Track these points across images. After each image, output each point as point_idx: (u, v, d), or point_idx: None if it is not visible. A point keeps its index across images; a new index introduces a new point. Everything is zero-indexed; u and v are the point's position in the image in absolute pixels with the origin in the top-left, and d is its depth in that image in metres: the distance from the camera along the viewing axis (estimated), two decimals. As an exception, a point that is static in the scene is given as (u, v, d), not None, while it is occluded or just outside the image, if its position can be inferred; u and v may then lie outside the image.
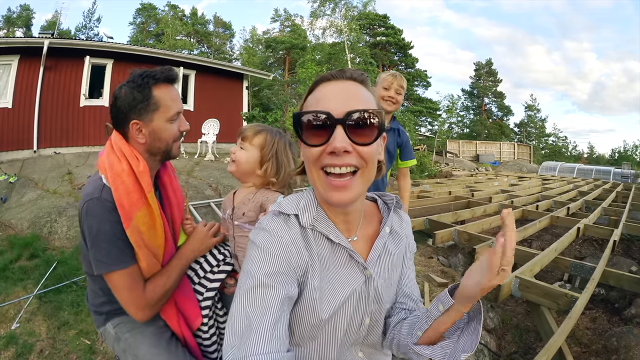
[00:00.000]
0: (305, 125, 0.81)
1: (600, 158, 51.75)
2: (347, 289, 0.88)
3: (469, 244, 5.07)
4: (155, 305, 1.34)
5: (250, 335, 0.69)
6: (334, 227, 0.90)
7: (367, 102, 0.82)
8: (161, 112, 1.36)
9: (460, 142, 34.55)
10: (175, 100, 1.40)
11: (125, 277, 1.28)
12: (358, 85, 0.84)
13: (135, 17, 41.78)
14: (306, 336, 0.87)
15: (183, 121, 1.45)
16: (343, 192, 0.80)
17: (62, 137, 10.43)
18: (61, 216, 5.37)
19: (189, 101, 12.91)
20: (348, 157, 0.78)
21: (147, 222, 1.31)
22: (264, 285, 0.75)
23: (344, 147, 0.77)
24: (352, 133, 0.78)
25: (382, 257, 0.96)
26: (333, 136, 0.77)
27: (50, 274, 3.95)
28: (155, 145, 1.38)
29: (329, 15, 22.51)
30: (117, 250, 1.25)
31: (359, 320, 0.91)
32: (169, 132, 1.39)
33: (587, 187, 13.77)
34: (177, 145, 1.46)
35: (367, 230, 0.98)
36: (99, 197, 1.26)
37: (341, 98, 0.80)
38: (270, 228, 0.85)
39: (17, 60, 9.77)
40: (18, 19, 35.38)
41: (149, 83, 1.34)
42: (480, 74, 49.06)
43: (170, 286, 1.36)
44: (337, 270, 0.89)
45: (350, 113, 0.77)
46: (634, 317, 3.65)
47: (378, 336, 0.98)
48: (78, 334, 3.08)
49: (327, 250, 0.89)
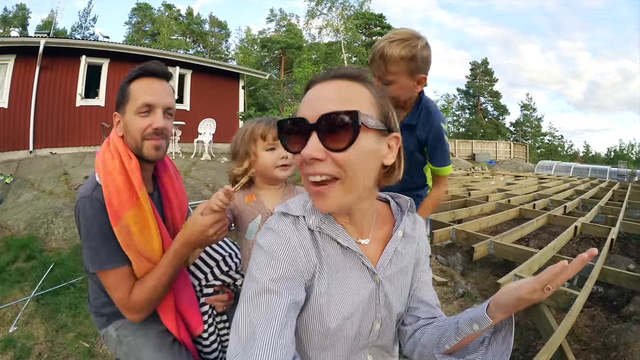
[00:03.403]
0: (285, 133, 0.79)
1: (596, 157, 52.02)
2: (356, 296, 0.85)
3: (467, 243, 5.08)
4: (142, 308, 1.29)
5: (254, 343, 0.66)
6: (343, 230, 0.86)
7: (353, 102, 0.75)
8: (130, 104, 1.31)
9: (456, 141, 34.54)
10: (145, 92, 1.30)
11: (112, 278, 1.26)
12: (348, 83, 0.78)
13: (130, 17, 41.60)
14: (314, 345, 0.84)
15: (158, 118, 1.32)
16: (322, 200, 0.77)
17: (58, 137, 10.40)
18: (57, 217, 5.34)
19: (185, 101, 12.87)
20: (321, 165, 0.75)
21: (138, 222, 1.27)
22: (269, 291, 0.73)
23: (310, 155, 0.73)
24: (327, 139, 0.73)
25: (394, 262, 0.92)
26: (307, 143, 0.74)
27: (47, 276, 3.92)
28: (128, 140, 1.34)
29: (325, 15, 22.53)
30: (107, 249, 1.23)
31: (368, 326, 0.89)
32: (136, 126, 1.30)
33: (584, 186, 13.82)
34: (152, 144, 1.33)
35: (379, 233, 0.94)
36: (90, 196, 1.24)
37: (320, 101, 0.76)
38: (279, 229, 0.83)
39: (13, 60, 9.73)
40: (14, 19, 35.13)
41: (130, 76, 1.32)
42: (476, 73, 49.10)
43: (157, 286, 1.27)
44: (347, 275, 0.86)
45: (322, 117, 0.73)
46: (633, 314, 3.66)
47: (389, 340, 0.96)
48: (77, 336, 3.05)
49: (336, 254, 0.86)
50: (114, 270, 1.25)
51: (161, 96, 1.33)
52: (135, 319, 1.31)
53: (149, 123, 1.31)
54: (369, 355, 0.93)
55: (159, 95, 1.32)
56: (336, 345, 0.85)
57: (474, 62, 49.97)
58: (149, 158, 1.35)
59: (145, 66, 1.32)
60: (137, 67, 1.32)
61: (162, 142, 1.35)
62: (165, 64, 1.41)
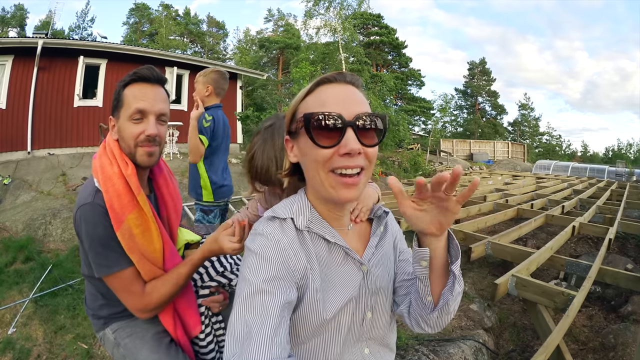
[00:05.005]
0: (315, 127, 0.81)
1: (594, 156, 51.97)
2: (347, 288, 0.90)
3: (465, 243, 5.08)
4: (153, 309, 1.33)
5: (250, 342, 0.69)
6: (329, 227, 0.92)
7: (366, 106, 0.85)
8: (124, 110, 1.31)
9: (454, 141, 34.67)
10: (138, 98, 1.30)
11: (122, 280, 1.27)
12: (355, 89, 0.86)
13: (128, 17, 41.49)
14: (310, 335, 0.87)
15: (151, 125, 1.31)
16: (353, 190, 0.82)
17: (56, 138, 10.37)
18: (56, 218, 5.34)
19: (183, 101, 12.75)
20: (358, 158, 0.81)
21: (140, 224, 1.29)
22: (263, 292, 0.76)
23: (359, 149, 0.80)
24: (360, 135, 0.80)
25: (377, 250, 1.00)
26: (345, 138, 0.79)
27: (45, 277, 3.92)
28: (122, 145, 1.34)
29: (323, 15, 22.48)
30: (114, 253, 1.25)
31: (361, 315, 0.93)
32: (128, 132, 1.30)
33: (582, 186, 13.83)
34: (145, 151, 1.32)
35: (360, 226, 1.02)
36: (91, 203, 1.25)
37: (347, 101, 0.83)
38: (267, 232, 0.86)
39: (11, 61, 9.71)
40: (12, 19, 35.04)
41: (124, 80, 1.32)
42: (474, 73, 49.17)
43: (168, 291, 1.32)
44: (336, 269, 0.91)
45: (360, 116, 0.80)
46: (631, 314, 3.68)
47: (384, 329, 1.00)
48: (75, 338, 3.06)
49: (324, 251, 0.91)
50: (122, 273, 1.26)
51: (154, 102, 1.33)
52: (147, 317, 1.35)
53: (141, 130, 1.31)
54: (366, 349, 0.96)
55: (152, 102, 1.32)
56: (331, 338, 0.89)
57: (472, 61, 50.12)
58: (142, 164, 1.35)
59: (138, 71, 1.32)
60: (131, 72, 1.32)
61: (155, 148, 1.36)
62: (163, 64, 1.42)
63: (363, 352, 0.95)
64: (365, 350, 0.96)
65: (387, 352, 1.03)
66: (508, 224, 7.13)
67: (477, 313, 3.73)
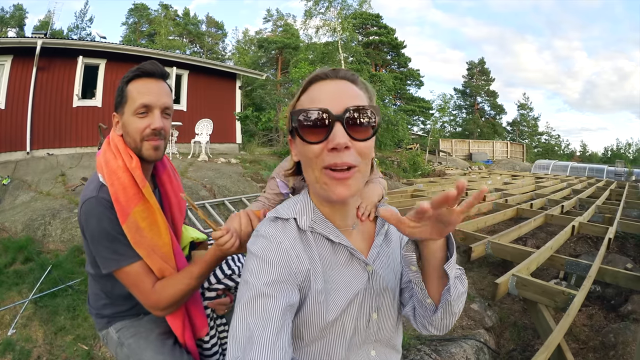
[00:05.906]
0: (303, 123, 0.80)
1: (593, 156, 51.95)
2: (351, 289, 0.88)
3: (465, 243, 5.09)
4: (165, 308, 1.30)
5: (252, 346, 0.68)
6: (333, 227, 0.90)
7: (361, 100, 0.83)
8: (128, 105, 1.32)
9: (453, 141, 34.69)
10: (143, 93, 1.31)
11: (130, 275, 1.26)
12: (350, 84, 0.84)
13: (127, 18, 41.52)
14: (314, 337, 0.86)
15: (156, 118, 1.33)
16: (345, 187, 0.80)
17: (55, 138, 10.35)
18: (55, 218, 5.32)
19: (182, 101, 12.85)
20: (348, 154, 0.78)
21: (146, 217, 1.29)
22: (265, 295, 0.75)
23: (345, 143, 0.77)
24: (350, 130, 0.78)
25: (382, 250, 0.98)
26: (333, 133, 0.77)
27: (45, 278, 3.90)
28: (127, 140, 1.35)
29: (323, 14, 22.44)
30: (122, 246, 1.24)
31: (366, 316, 0.91)
32: (133, 126, 1.31)
33: (581, 185, 13.84)
34: (151, 145, 1.34)
35: (364, 225, 0.99)
36: (96, 197, 1.24)
37: (337, 96, 0.81)
38: (269, 234, 0.85)
39: (10, 61, 9.69)
40: (11, 19, 34.97)
41: (128, 76, 1.33)
42: (473, 73, 49.21)
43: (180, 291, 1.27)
44: (340, 270, 0.89)
45: (348, 109, 0.78)
46: (631, 313, 3.69)
47: (390, 331, 0.98)
48: (75, 339, 3.05)
49: (328, 251, 0.89)
50: (129, 267, 1.25)
51: (158, 96, 1.34)
52: (161, 315, 1.33)
53: (147, 124, 1.32)
54: (372, 351, 0.94)
55: (156, 96, 1.33)
56: (336, 340, 0.87)
57: (471, 61, 50.19)
58: (148, 158, 1.35)
59: (142, 67, 1.33)
60: (134, 68, 1.33)
61: (160, 142, 1.36)
62: (162, 64, 1.41)
63: (369, 355, 0.94)
64: (372, 353, 0.94)
65: (394, 354, 1.01)
66: (508, 223, 7.13)
67: (478, 313, 3.73)
